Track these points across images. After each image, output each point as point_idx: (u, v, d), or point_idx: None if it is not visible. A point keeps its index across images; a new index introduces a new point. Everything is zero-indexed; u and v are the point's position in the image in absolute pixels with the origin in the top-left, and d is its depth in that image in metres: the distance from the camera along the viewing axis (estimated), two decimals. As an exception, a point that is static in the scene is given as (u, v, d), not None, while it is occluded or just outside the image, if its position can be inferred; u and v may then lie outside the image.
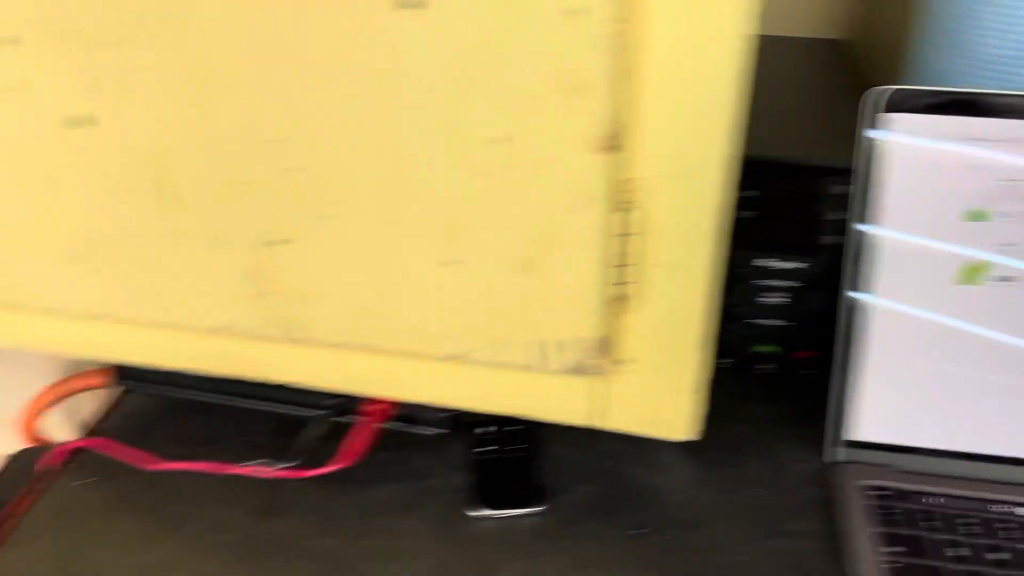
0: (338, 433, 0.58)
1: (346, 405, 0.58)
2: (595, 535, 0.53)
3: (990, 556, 0.49)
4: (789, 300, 0.61)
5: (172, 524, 0.53)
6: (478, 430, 0.60)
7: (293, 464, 0.56)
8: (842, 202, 0.56)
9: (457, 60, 0.36)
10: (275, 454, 0.58)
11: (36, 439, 1.00)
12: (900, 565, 0.48)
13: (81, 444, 0.61)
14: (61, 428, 0.90)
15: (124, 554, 0.51)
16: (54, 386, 0.96)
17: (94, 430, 0.65)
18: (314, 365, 0.50)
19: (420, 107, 0.38)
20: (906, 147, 0.50)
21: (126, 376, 0.64)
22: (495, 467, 0.57)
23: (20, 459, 0.92)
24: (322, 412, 0.58)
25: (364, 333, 0.48)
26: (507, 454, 0.58)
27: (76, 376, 1.00)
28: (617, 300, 0.44)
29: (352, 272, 0.44)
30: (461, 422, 0.60)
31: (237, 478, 0.56)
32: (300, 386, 0.49)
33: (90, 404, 0.97)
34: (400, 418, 0.59)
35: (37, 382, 1.05)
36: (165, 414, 0.64)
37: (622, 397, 0.50)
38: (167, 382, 0.62)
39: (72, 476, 0.58)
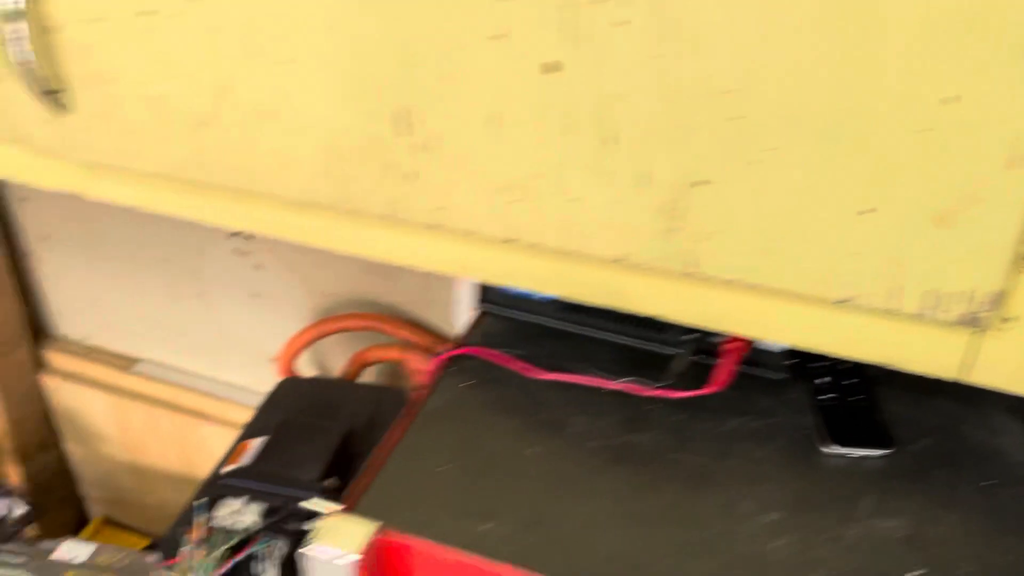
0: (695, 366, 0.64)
1: (701, 342, 0.64)
2: (945, 482, 0.57)
3: None
4: None
5: (548, 427, 0.62)
6: (817, 380, 0.65)
7: (664, 385, 0.63)
8: None
9: (928, 23, 0.40)
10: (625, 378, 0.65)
11: (291, 373, 1.14)
12: None
13: (466, 351, 0.70)
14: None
15: (512, 444, 0.60)
16: (313, 326, 1.10)
17: (462, 343, 0.74)
18: (692, 301, 0.56)
19: (882, 68, 0.43)
20: None
21: (488, 299, 0.73)
22: (839, 412, 0.62)
23: (285, 386, 1.06)
24: (679, 347, 0.64)
25: (757, 272, 0.53)
26: (848, 402, 0.62)
27: (332, 318, 1.13)
28: (1021, 258, 0.47)
29: (764, 215, 0.50)
30: (799, 370, 0.65)
31: (599, 396, 0.64)
32: (671, 321, 0.54)
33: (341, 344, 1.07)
34: (746, 360, 0.65)
35: (294, 325, 1.20)
36: (517, 337, 0.72)
37: (998, 352, 0.53)
38: (524, 308, 0.71)
39: (455, 378, 0.68)
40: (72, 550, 1.21)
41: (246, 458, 0.90)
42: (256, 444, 0.92)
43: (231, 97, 0.50)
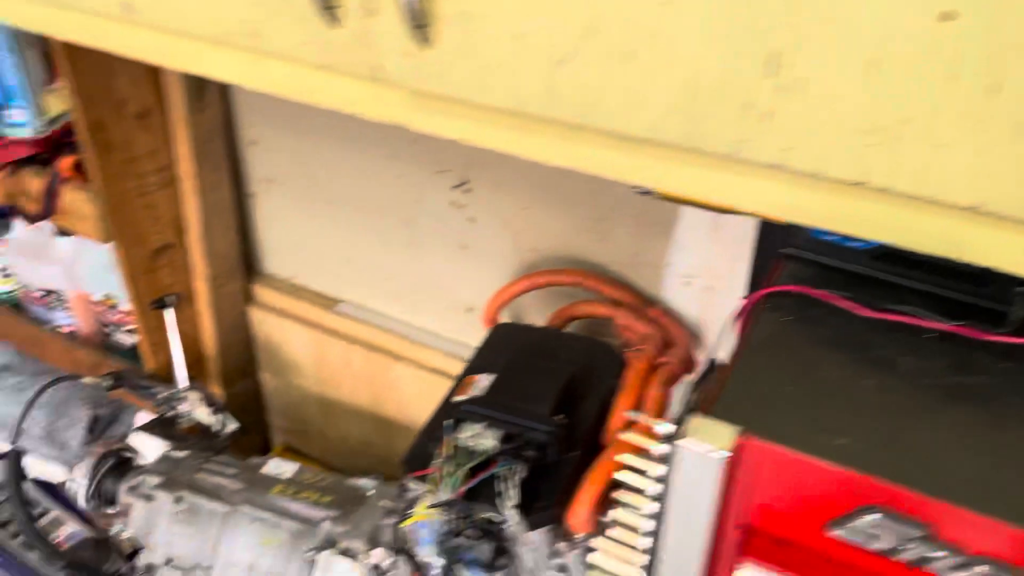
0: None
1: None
2: None
3: None
4: None
5: (878, 363, 0.63)
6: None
7: (1005, 331, 0.64)
8: None
9: None
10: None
11: (494, 323, 1.20)
12: None
13: (786, 288, 0.71)
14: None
15: (846, 374, 0.62)
16: (526, 278, 1.15)
17: (772, 283, 0.75)
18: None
19: None
20: None
21: (793, 244, 0.75)
22: None
23: (501, 330, 1.11)
24: (1009, 301, 0.65)
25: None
26: None
27: (545, 272, 1.18)
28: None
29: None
30: None
31: (922, 340, 0.65)
32: (1011, 273, 0.55)
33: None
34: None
35: (496, 277, 1.26)
36: (826, 282, 0.72)
37: None
38: (834, 254, 0.73)
39: (773, 314, 0.70)
40: (279, 467, 1.32)
41: (476, 390, 0.97)
42: (483, 379, 0.98)
43: (597, 37, 0.54)
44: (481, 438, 0.88)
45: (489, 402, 0.91)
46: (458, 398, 0.97)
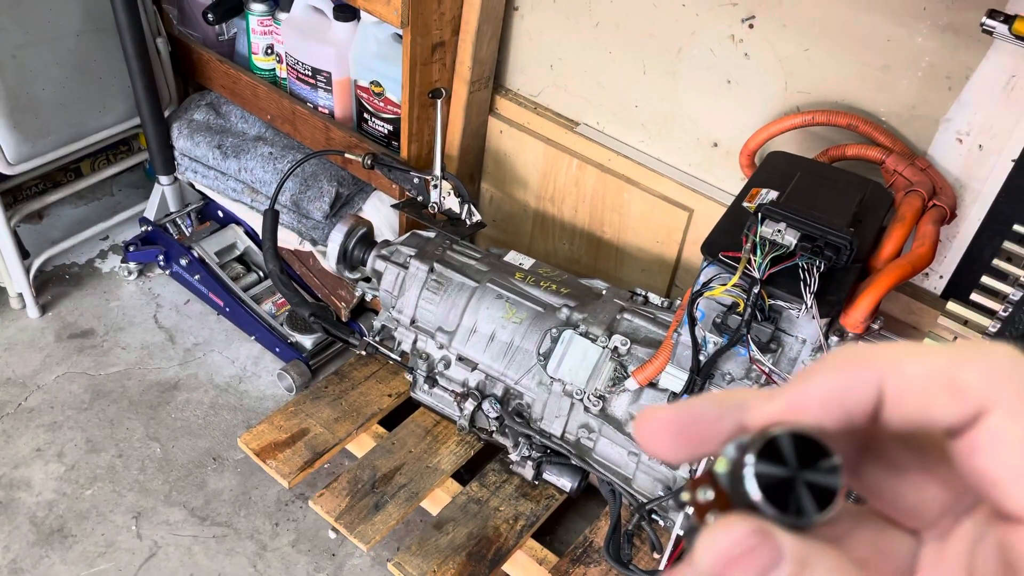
0: None
1: None
2: None
3: None
4: None
5: None
6: None
7: None
8: None
9: None
10: None
11: (752, 166, 1.29)
12: None
13: None
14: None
15: None
16: (800, 115, 1.22)
17: None
18: None
19: None
20: None
21: None
22: None
23: (775, 157, 1.19)
24: None
25: None
26: None
27: (823, 111, 1.24)
28: None
29: None
30: None
31: None
32: None
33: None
34: None
35: (753, 116, 1.33)
36: None
37: None
38: None
39: None
40: (517, 258, 1.47)
41: (764, 199, 1.07)
42: (767, 192, 1.09)
43: None
44: (783, 235, 0.99)
45: (788, 207, 1.01)
46: (747, 204, 1.08)
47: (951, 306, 0.98)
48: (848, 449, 0.27)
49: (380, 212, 1.71)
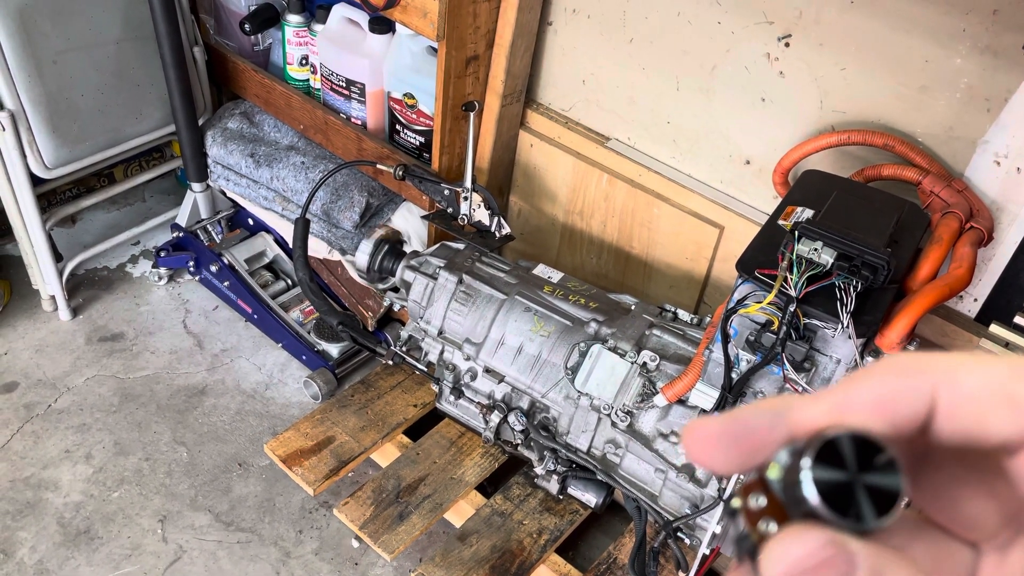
0: None
1: None
2: None
3: None
4: None
5: None
6: None
7: None
8: None
9: None
10: None
11: (785, 184, 1.28)
12: None
13: None
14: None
15: None
16: (834, 134, 1.22)
17: None
18: None
19: None
20: None
21: None
22: None
23: (810, 176, 1.19)
24: None
25: None
26: None
27: (858, 131, 1.24)
28: None
29: None
30: None
31: None
32: None
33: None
34: None
35: (788, 134, 1.33)
36: None
37: None
38: None
39: None
40: (546, 271, 1.47)
41: (800, 217, 1.07)
42: (803, 210, 1.08)
43: None
44: (820, 254, 0.98)
45: (825, 225, 1.01)
46: (783, 222, 1.08)
47: (994, 328, 0.97)
48: (902, 457, 0.27)
49: (409, 223, 1.72)
